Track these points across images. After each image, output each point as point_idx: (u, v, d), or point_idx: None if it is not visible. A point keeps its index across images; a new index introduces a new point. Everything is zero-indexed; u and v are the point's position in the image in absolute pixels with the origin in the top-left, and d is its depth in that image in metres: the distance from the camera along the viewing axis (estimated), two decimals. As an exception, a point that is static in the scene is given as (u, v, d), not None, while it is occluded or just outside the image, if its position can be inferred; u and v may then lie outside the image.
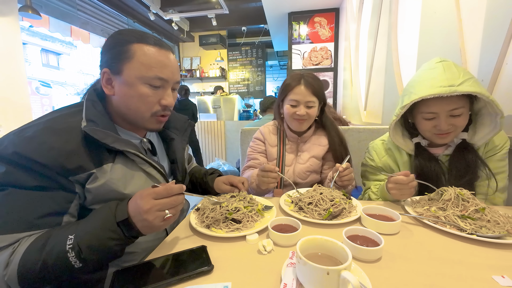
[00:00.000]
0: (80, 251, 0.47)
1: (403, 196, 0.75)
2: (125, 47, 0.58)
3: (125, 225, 0.50)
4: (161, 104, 0.62)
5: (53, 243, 0.48)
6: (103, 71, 0.60)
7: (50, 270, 0.47)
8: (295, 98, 0.97)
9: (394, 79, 1.70)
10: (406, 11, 1.63)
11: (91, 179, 0.56)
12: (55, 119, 0.57)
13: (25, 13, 2.50)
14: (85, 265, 0.48)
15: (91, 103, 0.61)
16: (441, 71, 0.73)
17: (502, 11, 0.89)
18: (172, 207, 0.51)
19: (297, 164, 1.05)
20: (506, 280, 0.44)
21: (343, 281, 0.37)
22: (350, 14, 2.95)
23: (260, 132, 1.11)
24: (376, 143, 0.97)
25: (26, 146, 0.50)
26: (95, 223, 0.50)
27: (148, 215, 0.48)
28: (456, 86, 0.69)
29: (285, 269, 0.46)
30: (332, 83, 3.69)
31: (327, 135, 1.06)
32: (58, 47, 9.17)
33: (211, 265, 0.49)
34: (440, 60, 0.77)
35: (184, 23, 5.24)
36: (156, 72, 0.59)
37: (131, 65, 0.58)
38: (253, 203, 0.73)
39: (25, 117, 2.46)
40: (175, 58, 0.64)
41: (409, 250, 0.55)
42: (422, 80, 0.76)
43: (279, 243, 0.57)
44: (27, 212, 0.50)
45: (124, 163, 0.61)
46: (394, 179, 0.73)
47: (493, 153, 0.79)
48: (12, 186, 0.49)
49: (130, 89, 0.59)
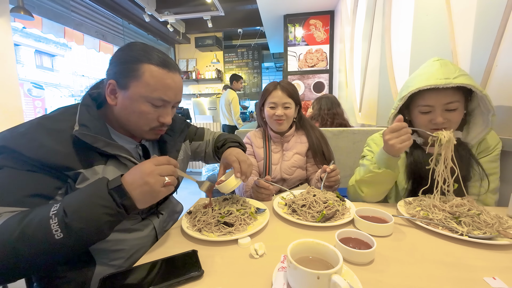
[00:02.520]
0: (65, 215, 0.44)
1: (403, 144, 0.71)
2: (135, 66, 0.60)
3: (117, 191, 0.48)
4: (159, 121, 0.65)
5: (35, 213, 0.46)
6: (110, 81, 0.61)
7: (26, 241, 0.43)
8: (273, 101, 1.10)
9: (388, 81, 1.71)
10: (399, 14, 1.65)
11: (79, 179, 0.56)
12: (49, 118, 0.58)
13: (17, 14, 2.47)
14: (66, 235, 0.44)
15: (85, 108, 0.61)
16: (437, 67, 0.75)
17: (491, 14, 0.91)
18: (171, 174, 0.53)
19: (283, 162, 1.14)
20: (497, 282, 0.44)
21: (333, 285, 0.37)
22: (345, 17, 2.98)
23: (247, 137, 1.24)
24: (375, 136, 0.98)
25: (17, 141, 0.51)
26: (85, 191, 0.49)
27: (150, 177, 0.49)
28: (451, 79, 0.71)
29: (276, 273, 0.45)
30: (328, 85, 3.71)
31: (306, 134, 1.17)
32: (52, 49, 9.07)
33: (201, 270, 0.48)
34: (437, 59, 0.79)
35: (180, 24, 5.23)
36: (160, 94, 0.61)
37: (138, 83, 0.60)
38: (246, 206, 0.72)
39: (17, 119, 2.42)
40: (180, 79, 0.67)
41: (401, 252, 0.54)
42: (420, 75, 0.78)
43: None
44: (14, 188, 0.50)
45: (116, 167, 0.62)
46: (390, 128, 0.72)
47: (485, 154, 0.80)
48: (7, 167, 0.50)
49: (132, 105, 0.61)
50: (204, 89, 6.02)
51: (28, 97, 4.89)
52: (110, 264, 0.62)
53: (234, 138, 0.90)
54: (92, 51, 4.13)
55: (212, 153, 0.92)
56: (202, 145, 0.94)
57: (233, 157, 0.75)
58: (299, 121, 1.19)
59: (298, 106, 1.16)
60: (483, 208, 0.64)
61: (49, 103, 5.65)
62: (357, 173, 0.87)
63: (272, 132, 1.17)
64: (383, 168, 0.77)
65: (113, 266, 0.62)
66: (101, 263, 0.60)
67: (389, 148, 0.73)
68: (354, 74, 2.69)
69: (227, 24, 5.03)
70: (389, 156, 0.75)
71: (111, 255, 0.61)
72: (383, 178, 0.79)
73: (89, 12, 3.72)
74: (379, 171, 0.77)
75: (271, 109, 1.11)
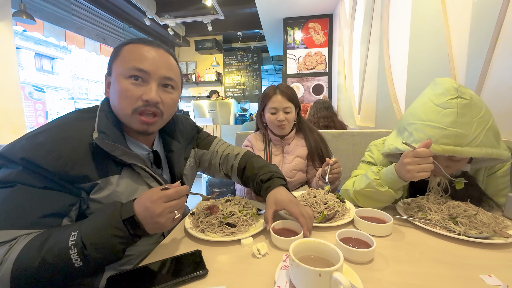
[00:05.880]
0: (84, 248, 0.46)
1: (420, 174, 0.63)
2: (118, 50, 0.61)
3: (130, 223, 0.50)
4: (142, 100, 0.59)
5: (54, 240, 0.47)
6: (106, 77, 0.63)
7: (48, 269, 0.45)
8: (273, 106, 1.10)
9: (387, 83, 1.74)
10: (397, 18, 1.68)
11: (95, 189, 0.56)
12: (68, 125, 0.57)
13: (19, 18, 2.49)
14: (85, 264, 0.47)
15: (104, 114, 0.61)
16: (452, 119, 0.63)
17: (486, 18, 0.93)
18: (181, 207, 0.53)
19: (284, 165, 1.14)
20: (493, 279, 0.45)
21: (334, 282, 0.38)
22: (343, 20, 3.02)
23: (248, 140, 1.24)
24: (378, 142, 0.94)
25: (35, 152, 0.50)
26: (100, 220, 0.50)
27: (161, 218, 0.50)
28: (462, 147, 0.62)
29: (279, 271, 0.47)
30: (327, 87, 3.73)
31: (304, 138, 1.18)
32: (52, 52, 9.11)
33: (206, 269, 0.49)
34: (456, 95, 0.63)
35: (180, 28, 5.27)
36: (134, 63, 0.57)
37: (116, 63, 0.60)
38: (248, 207, 0.74)
39: (18, 122, 2.43)
40: (164, 54, 0.62)
41: (400, 251, 0.56)
42: (427, 125, 0.66)
43: (280, 246, 0.58)
44: (30, 210, 0.50)
45: (130, 176, 0.62)
46: (415, 152, 0.63)
47: (495, 170, 0.77)
48: (21, 183, 0.50)
49: (114, 86, 0.60)
50: (204, 92, 6.05)
51: (29, 100, 4.90)
52: (119, 269, 0.62)
53: (279, 172, 0.77)
54: (92, 54, 4.15)
55: (253, 184, 0.78)
56: (206, 155, 0.87)
57: (297, 208, 0.63)
58: (298, 124, 1.20)
59: (297, 109, 1.17)
60: (479, 208, 0.66)
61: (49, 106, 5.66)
62: (357, 183, 0.80)
63: (272, 135, 1.17)
64: (386, 187, 0.71)
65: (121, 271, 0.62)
66: (110, 268, 0.61)
67: (403, 172, 0.66)
68: (352, 77, 2.72)
69: (227, 27, 5.07)
70: (398, 178, 0.68)
71: (120, 261, 0.61)
72: (383, 197, 0.73)
73: (90, 15, 3.76)
74: (381, 190, 0.71)
75: (272, 114, 1.11)
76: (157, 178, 0.65)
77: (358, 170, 0.92)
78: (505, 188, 0.77)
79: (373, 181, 0.73)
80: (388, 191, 0.71)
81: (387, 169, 0.72)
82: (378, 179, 0.73)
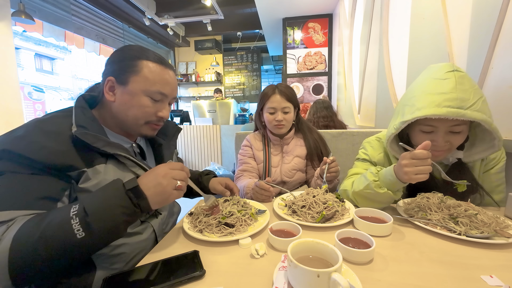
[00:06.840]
0: (86, 215, 0.46)
1: (418, 176, 0.63)
2: (133, 62, 0.63)
3: (134, 192, 0.51)
4: (157, 116, 0.68)
5: (54, 215, 0.47)
6: (108, 79, 0.63)
7: (47, 243, 0.44)
8: (272, 106, 1.09)
9: (386, 83, 1.73)
10: (396, 18, 1.67)
11: (83, 178, 0.57)
12: (46, 121, 0.59)
13: (18, 18, 2.49)
14: (88, 235, 0.45)
15: (80, 110, 0.62)
16: (452, 85, 0.65)
17: (486, 17, 0.93)
18: (183, 179, 0.56)
19: (283, 165, 1.14)
20: (494, 280, 0.45)
21: (333, 283, 0.37)
22: (343, 20, 3.01)
23: (247, 139, 1.24)
24: (371, 139, 0.94)
25: (17, 144, 0.51)
26: (103, 192, 0.50)
27: (163, 179, 0.53)
28: (464, 110, 0.63)
29: (277, 272, 0.46)
30: (327, 87, 3.73)
31: (303, 138, 1.17)
32: (52, 52, 9.11)
33: (203, 270, 0.48)
34: (452, 69, 0.67)
35: (180, 28, 5.27)
36: (159, 88, 0.65)
37: (137, 78, 0.63)
38: (247, 207, 0.73)
39: (17, 122, 2.43)
40: (175, 76, 0.71)
41: (400, 251, 0.55)
42: (429, 93, 0.67)
43: (277, 247, 0.57)
44: (24, 193, 0.50)
45: (116, 166, 0.63)
46: (413, 154, 0.63)
47: (491, 167, 0.78)
48: (9, 172, 0.50)
49: (133, 99, 0.64)
50: (203, 92, 6.05)
51: (29, 100, 4.90)
52: (111, 268, 0.62)
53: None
54: (92, 54, 4.15)
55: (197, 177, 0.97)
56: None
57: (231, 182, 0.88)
58: (298, 124, 1.20)
59: (296, 109, 1.16)
60: (480, 208, 0.65)
61: (49, 106, 5.66)
62: (356, 184, 0.79)
63: (271, 135, 1.17)
64: (384, 189, 0.71)
65: (114, 270, 0.62)
66: (101, 267, 0.60)
67: (401, 173, 0.66)
68: (352, 77, 2.71)
69: (227, 27, 5.07)
70: (396, 180, 0.68)
71: (112, 259, 0.62)
72: (382, 199, 0.73)
73: (89, 16, 3.76)
74: (380, 191, 0.71)
75: (271, 114, 1.11)
76: (143, 165, 0.67)
77: (354, 169, 0.92)
78: (500, 184, 0.78)
79: (372, 182, 0.72)
80: (387, 192, 0.71)
81: (386, 170, 0.72)
82: (377, 180, 0.73)
